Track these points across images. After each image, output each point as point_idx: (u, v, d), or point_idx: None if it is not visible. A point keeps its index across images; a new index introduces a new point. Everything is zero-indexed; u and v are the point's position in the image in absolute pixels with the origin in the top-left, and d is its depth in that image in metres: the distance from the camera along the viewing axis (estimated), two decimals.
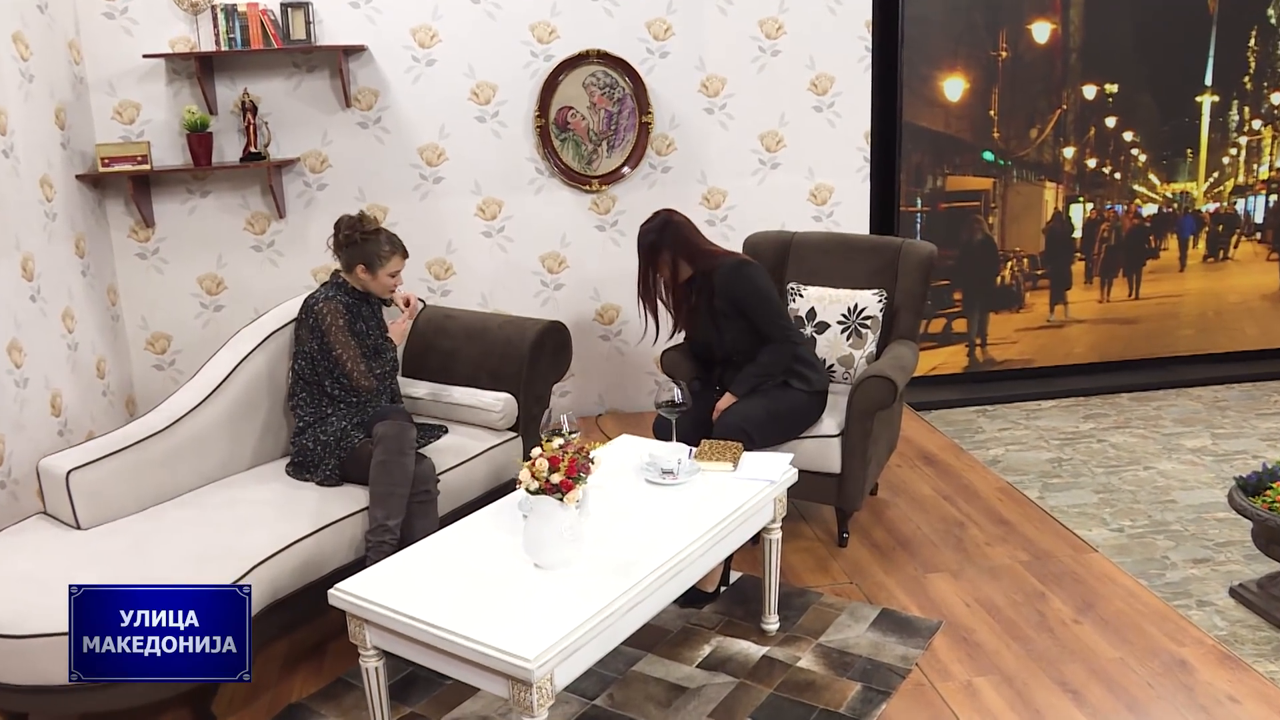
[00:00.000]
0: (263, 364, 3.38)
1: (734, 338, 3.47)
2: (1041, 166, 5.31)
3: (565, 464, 2.33)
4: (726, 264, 3.45)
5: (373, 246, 3.22)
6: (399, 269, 3.29)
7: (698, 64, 4.81)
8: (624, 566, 2.38)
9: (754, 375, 3.42)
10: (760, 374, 3.43)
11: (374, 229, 3.25)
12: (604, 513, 2.67)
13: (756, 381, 3.42)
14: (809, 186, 5.04)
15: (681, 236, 3.48)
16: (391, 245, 3.26)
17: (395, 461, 3.00)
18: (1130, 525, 3.87)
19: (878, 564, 3.50)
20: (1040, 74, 5.21)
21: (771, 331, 3.45)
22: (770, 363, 3.44)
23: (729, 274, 3.43)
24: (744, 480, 2.84)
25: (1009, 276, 5.41)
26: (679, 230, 3.48)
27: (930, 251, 3.86)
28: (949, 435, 4.77)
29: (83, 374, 4.15)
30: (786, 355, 3.47)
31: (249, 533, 2.84)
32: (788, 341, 3.48)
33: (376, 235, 3.24)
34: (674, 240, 3.47)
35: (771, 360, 3.44)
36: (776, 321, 3.47)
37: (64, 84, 4.18)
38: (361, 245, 3.22)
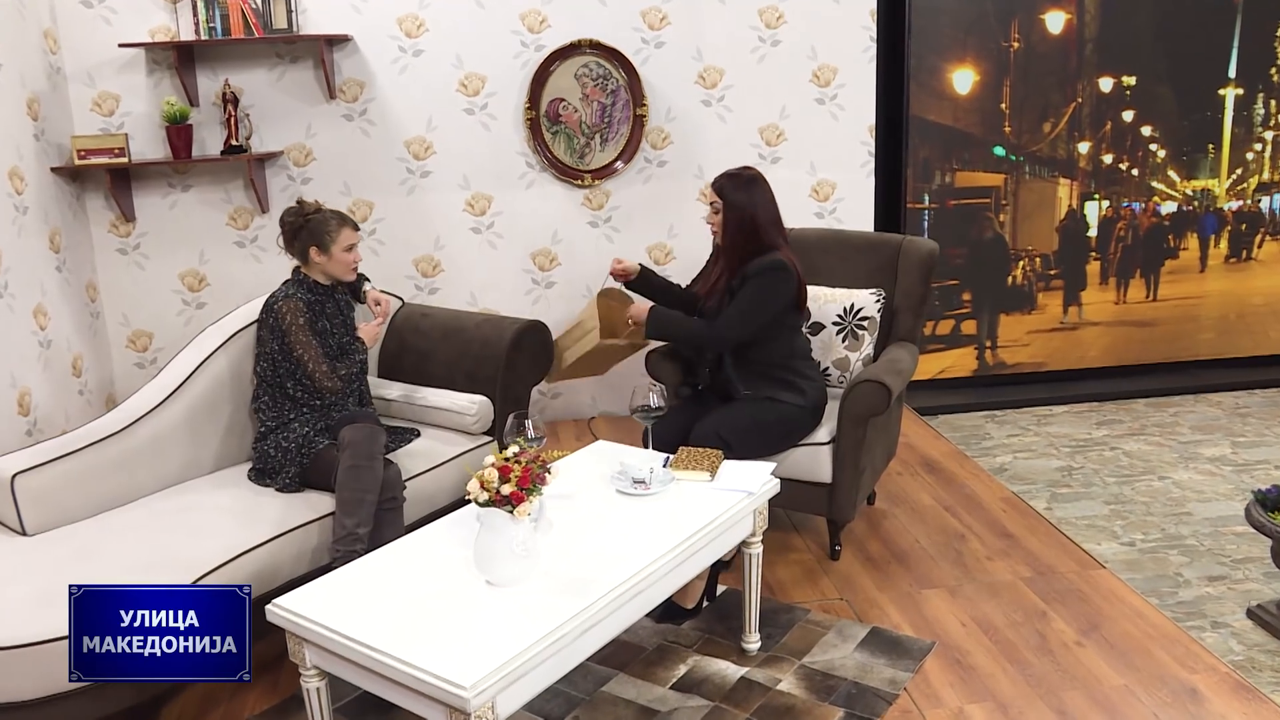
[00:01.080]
0: (226, 364, 3.25)
1: None
2: (1055, 162, 5.10)
3: (517, 474, 2.17)
4: (773, 258, 3.18)
5: (317, 224, 3.08)
6: (353, 242, 3.14)
7: (695, 54, 4.64)
8: (580, 585, 2.22)
9: (670, 324, 3.26)
10: (676, 326, 3.27)
11: (315, 208, 3.11)
12: (568, 525, 2.51)
13: (669, 329, 3.28)
14: (811, 182, 4.85)
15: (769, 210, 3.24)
16: (339, 219, 3.12)
17: (365, 467, 2.85)
18: (1142, 539, 3.67)
19: (870, 579, 3.32)
20: (1054, 65, 5.00)
21: (722, 318, 3.18)
22: (691, 332, 3.27)
23: (762, 265, 3.17)
24: (721, 491, 2.66)
25: (1020, 276, 5.21)
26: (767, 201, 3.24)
27: (931, 250, 3.67)
28: (954, 442, 4.57)
29: (56, 372, 4.04)
30: (706, 341, 3.27)
31: (201, 540, 2.70)
32: (713, 335, 3.22)
33: (319, 213, 3.10)
34: (763, 206, 3.22)
35: (694, 332, 3.26)
36: (735, 319, 3.17)
37: (38, 74, 4.07)
38: (307, 227, 3.08)
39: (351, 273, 3.18)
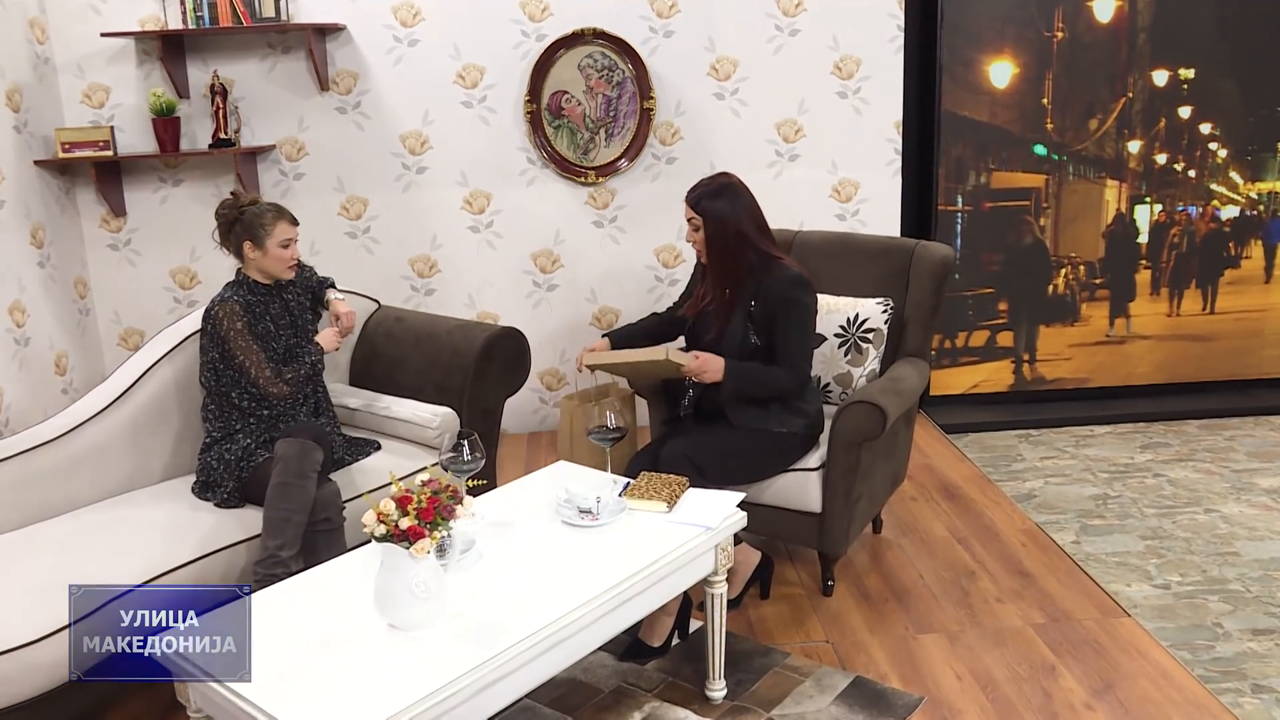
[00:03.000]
0: (172, 372, 3.07)
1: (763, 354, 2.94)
2: (1102, 162, 4.70)
3: (420, 505, 1.93)
4: (790, 272, 2.91)
5: (252, 217, 2.89)
6: (289, 236, 2.93)
7: (707, 44, 4.36)
8: (492, 631, 1.97)
9: (750, 379, 2.88)
10: (756, 381, 2.89)
11: (251, 201, 2.93)
12: (498, 558, 2.26)
13: (748, 387, 2.89)
14: (832, 181, 4.53)
15: (755, 216, 2.97)
16: (275, 212, 2.92)
17: (294, 485, 2.65)
18: (1179, 581, 3.29)
19: (863, 618, 3.01)
20: (1102, 57, 4.60)
21: (790, 360, 2.90)
22: (772, 381, 2.91)
23: (786, 284, 2.88)
24: (677, 524, 2.39)
25: (1063, 285, 4.81)
26: (752, 207, 2.98)
27: (945, 256, 3.34)
28: (980, 464, 4.22)
29: (35, 370, 3.92)
30: (789, 389, 2.95)
31: (119, 560, 2.52)
32: (797, 380, 2.93)
33: (255, 205, 2.91)
34: (748, 213, 2.95)
35: (776, 381, 2.91)
36: (801, 353, 2.93)
37: (21, 64, 3.95)
38: (241, 221, 2.89)
39: (290, 270, 2.97)
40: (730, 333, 2.95)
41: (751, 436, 2.89)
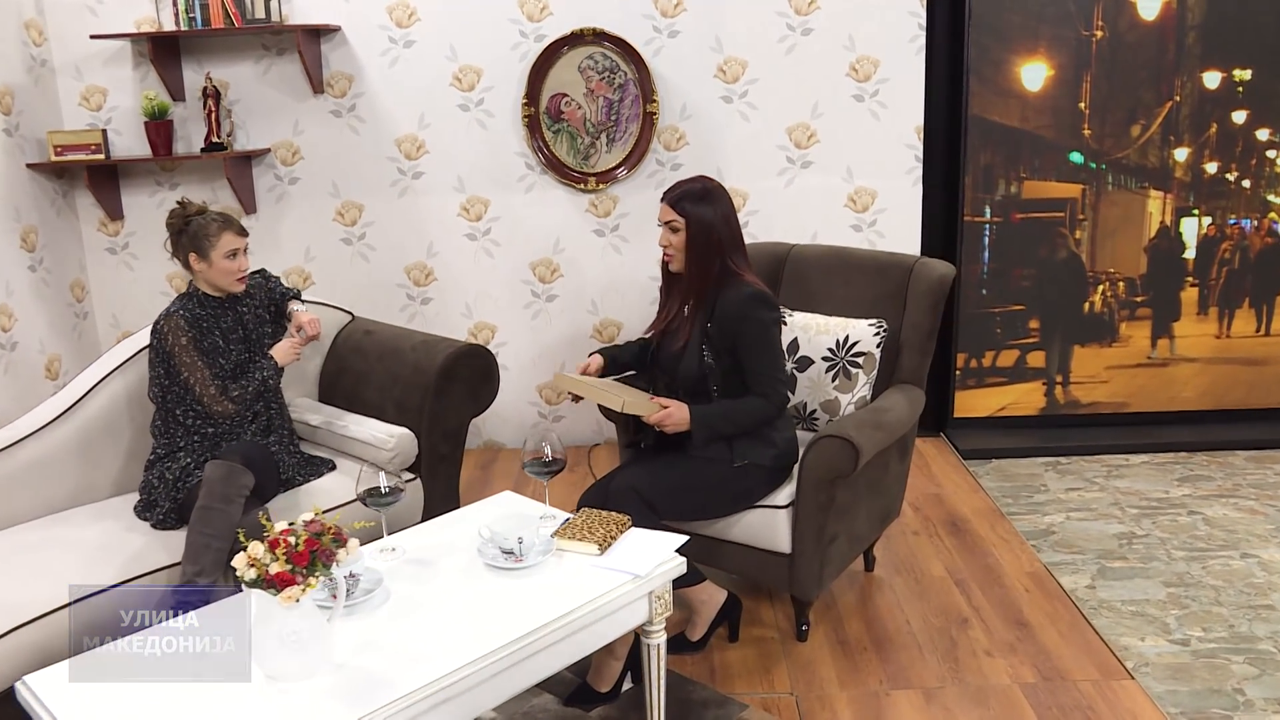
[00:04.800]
0: (126, 385, 2.97)
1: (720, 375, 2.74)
2: (1145, 171, 4.35)
3: (294, 548, 1.77)
4: (746, 288, 2.70)
5: (197, 228, 2.77)
6: (235, 247, 2.81)
7: (714, 44, 4.14)
8: (373, 687, 1.80)
9: (721, 419, 2.69)
10: (729, 420, 2.69)
11: (198, 210, 2.82)
12: (405, 603, 2.10)
13: (722, 429, 2.70)
14: (847, 190, 4.28)
15: (733, 226, 2.76)
16: (222, 222, 2.80)
17: (217, 510, 2.52)
18: (1200, 637, 2.98)
19: (836, 669, 2.77)
20: (1147, 57, 4.26)
21: (763, 386, 2.71)
22: (746, 416, 2.70)
23: (740, 303, 2.68)
24: (606, 570, 2.19)
25: (1100, 303, 4.48)
26: (731, 216, 2.76)
27: (943, 275, 3.08)
28: (996, 495, 3.93)
29: (22, 375, 3.90)
30: (767, 418, 2.74)
31: (34, 582, 2.42)
32: (774, 405, 2.73)
33: (202, 215, 2.80)
34: (727, 222, 2.73)
35: (750, 414, 2.71)
36: (773, 375, 2.72)
37: (14, 65, 3.93)
38: (187, 231, 2.78)
39: (239, 283, 2.85)
40: (689, 353, 2.75)
41: (709, 469, 2.68)
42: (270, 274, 3.21)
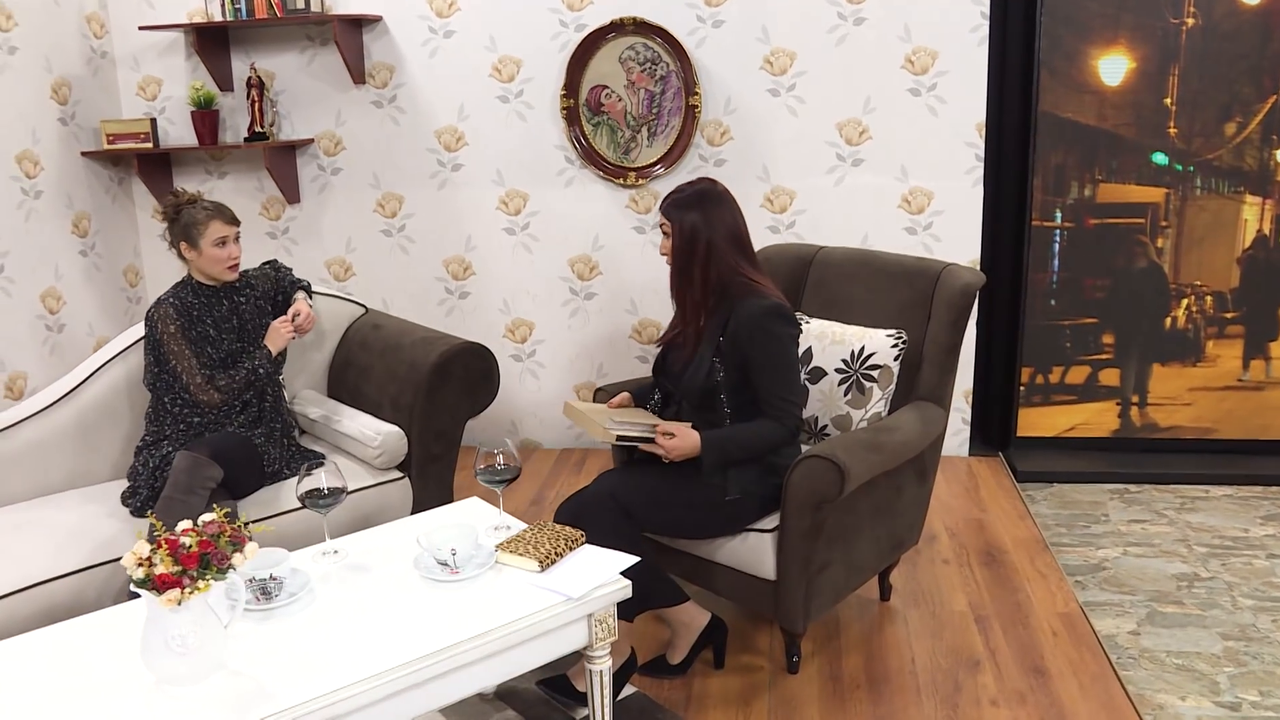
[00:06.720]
0: (126, 371, 2.99)
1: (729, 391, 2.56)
2: (1240, 174, 3.94)
3: (187, 549, 1.70)
4: (763, 300, 2.52)
5: (187, 217, 2.77)
6: (224, 235, 2.80)
7: (760, 35, 3.94)
8: (254, 698, 1.72)
9: (734, 445, 2.50)
10: (741, 445, 2.51)
11: (190, 199, 2.81)
12: (328, 610, 2.01)
13: (734, 454, 2.50)
14: (901, 190, 4.01)
15: (733, 230, 2.57)
16: (211, 210, 2.79)
17: (178, 500, 2.50)
18: (1255, 702, 2.64)
19: (821, 709, 2.56)
20: (1245, 48, 3.85)
21: (775, 409, 2.51)
22: (757, 440, 2.52)
23: (755, 316, 2.50)
24: (542, 589, 2.06)
25: (1183, 318, 4.08)
26: (730, 220, 2.57)
27: (968, 284, 2.82)
28: (1046, 523, 3.61)
29: (69, 356, 4.02)
30: (779, 442, 2.55)
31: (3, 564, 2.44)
32: (787, 429, 2.53)
33: (194, 204, 2.79)
34: (724, 226, 2.54)
35: (761, 438, 2.52)
36: (785, 397, 2.52)
37: (72, 57, 4.04)
38: (179, 220, 2.79)
39: (230, 271, 2.83)
40: (696, 364, 2.57)
41: (698, 487, 2.50)
42: (281, 265, 3.19)
